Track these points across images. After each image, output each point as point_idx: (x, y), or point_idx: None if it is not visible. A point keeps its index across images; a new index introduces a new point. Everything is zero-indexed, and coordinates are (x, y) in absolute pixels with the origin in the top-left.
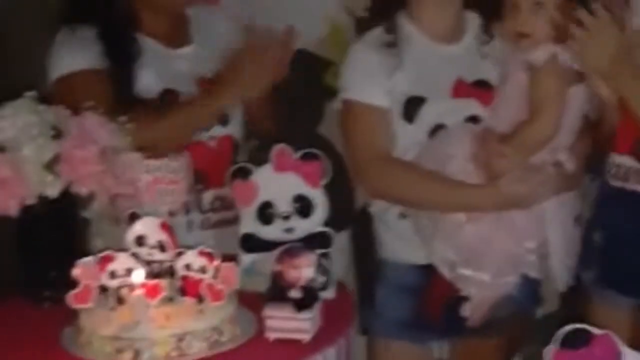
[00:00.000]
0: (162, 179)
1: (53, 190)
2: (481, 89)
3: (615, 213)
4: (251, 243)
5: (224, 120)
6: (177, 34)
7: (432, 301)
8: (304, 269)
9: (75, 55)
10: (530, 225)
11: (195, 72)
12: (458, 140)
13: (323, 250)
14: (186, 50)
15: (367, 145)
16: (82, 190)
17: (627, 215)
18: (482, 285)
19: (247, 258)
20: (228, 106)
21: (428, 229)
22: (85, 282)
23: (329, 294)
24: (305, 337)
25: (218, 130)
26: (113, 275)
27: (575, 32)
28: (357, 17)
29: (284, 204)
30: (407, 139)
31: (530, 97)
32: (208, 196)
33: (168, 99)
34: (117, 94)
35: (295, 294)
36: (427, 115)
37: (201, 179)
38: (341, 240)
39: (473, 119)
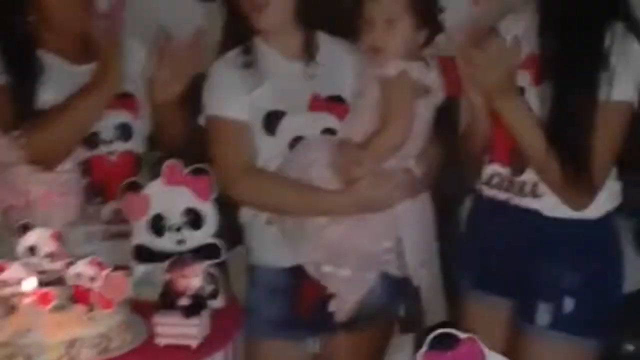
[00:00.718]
0: (53, 192)
1: None
2: (335, 103)
3: (488, 221)
4: (143, 254)
5: (126, 136)
6: (81, 50)
7: (303, 300)
8: (193, 279)
9: None
10: (384, 225)
11: None
12: (316, 150)
13: (213, 261)
14: (90, 67)
15: (231, 157)
16: None
17: (498, 222)
18: (344, 281)
19: (139, 268)
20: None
21: (293, 232)
22: None
23: (218, 303)
24: (193, 342)
25: (119, 146)
26: (4, 284)
27: (474, 53)
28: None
29: (174, 217)
30: (269, 151)
31: (381, 109)
32: (107, 209)
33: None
34: (18, 109)
35: (183, 301)
36: (287, 128)
37: (101, 192)
38: None
39: (329, 131)
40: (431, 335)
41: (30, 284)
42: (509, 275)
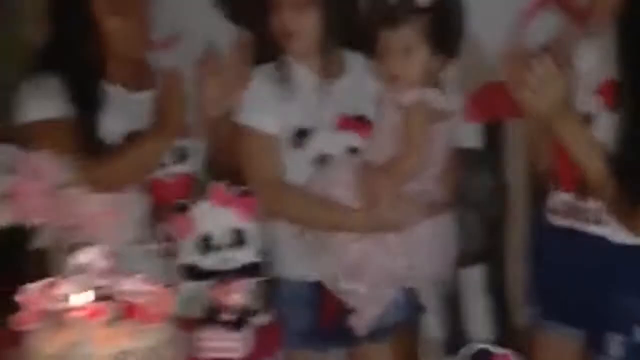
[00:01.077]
0: (106, 212)
1: (2, 221)
2: (361, 123)
3: (554, 248)
4: (190, 272)
5: (181, 158)
6: (139, 78)
7: (325, 313)
8: (236, 295)
9: (41, 103)
10: (402, 245)
11: None
12: (341, 171)
13: (257, 279)
14: (149, 94)
15: (262, 169)
16: (30, 221)
17: (564, 250)
18: (362, 298)
19: (186, 286)
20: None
21: (315, 246)
22: (30, 306)
23: (262, 319)
24: (236, 355)
25: (176, 168)
26: (56, 299)
27: (528, 79)
28: None
29: (220, 236)
30: (296, 166)
31: (401, 134)
32: (164, 228)
33: (132, 140)
34: (82, 140)
35: (227, 317)
36: (313, 145)
37: (159, 212)
38: None
39: (353, 150)
40: (467, 350)
41: (80, 298)
42: (578, 304)
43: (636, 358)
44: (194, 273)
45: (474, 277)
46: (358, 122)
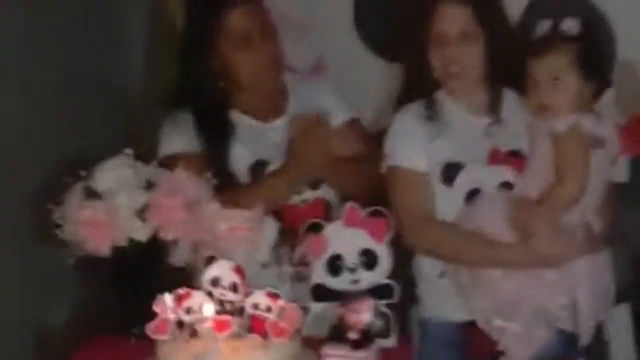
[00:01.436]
0: (237, 227)
1: (142, 235)
2: (514, 157)
3: None
4: (321, 292)
5: (315, 185)
6: (269, 107)
7: (472, 356)
8: (363, 314)
9: (176, 138)
10: (560, 281)
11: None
12: (494, 204)
13: (386, 301)
14: (278, 122)
15: (412, 207)
16: (167, 235)
17: None
18: (514, 336)
19: (316, 306)
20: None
21: (467, 283)
22: (163, 315)
23: (389, 342)
24: None
25: (309, 194)
26: (188, 311)
27: None
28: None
29: (351, 257)
30: (446, 201)
31: (555, 163)
32: (298, 252)
33: (259, 169)
34: (213, 170)
35: (353, 335)
36: (464, 180)
37: (294, 236)
38: None
39: (506, 185)
40: None
41: (209, 309)
42: None
43: None
44: (324, 293)
45: (622, 316)
46: (511, 157)
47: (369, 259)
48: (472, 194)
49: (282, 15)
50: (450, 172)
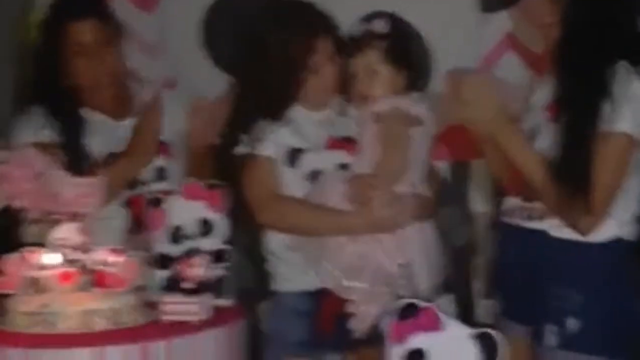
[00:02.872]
0: (84, 193)
1: None
2: (347, 142)
3: (504, 246)
4: (163, 261)
5: (160, 177)
6: (117, 107)
7: (324, 320)
8: (197, 268)
9: (28, 129)
10: (396, 245)
11: None
12: (334, 182)
13: (222, 264)
14: (127, 120)
15: (261, 186)
16: (17, 204)
17: (511, 247)
18: (362, 294)
19: (159, 274)
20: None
21: (315, 252)
22: (11, 271)
23: (225, 302)
24: (194, 318)
25: (156, 186)
26: (35, 267)
27: (462, 92)
28: None
29: (190, 227)
30: (291, 181)
31: (381, 141)
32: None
33: (112, 161)
34: (69, 160)
35: (188, 285)
36: (306, 162)
37: (140, 225)
38: None
39: (343, 167)
40: (396, 305)
41: (52, 258)
42: (524, 299)
43: (568, 348)
44: (166, 261)
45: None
46: (345, 142)
47: (206, 228)
48: (314, 175)
49: (136, 35)
50: (293, 155)
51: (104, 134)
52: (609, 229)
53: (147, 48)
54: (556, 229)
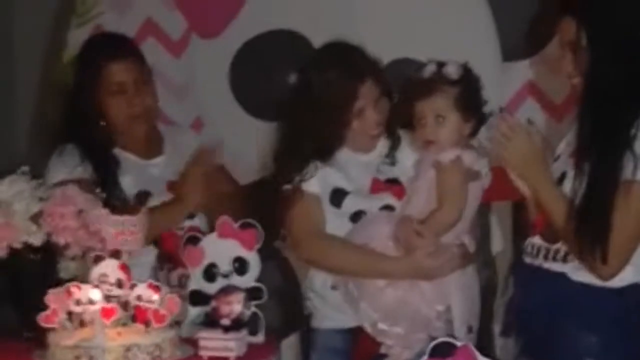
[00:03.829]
0: (124, 231)
1: (37, 239)
2: (392, 184)
3: (525, 286)
4: (197, 298)
5: (190, 215)
6: (148, 148)
7: (360, 358)
8: (234, 305)
9: (63, 167)
10: (436, 292)
11: (165, 177)
12: (379, 223)
13: (256, 302)
14: (157, 160)
15: (303, 223)
16: (59, 240)
17: (532, 287)
18: (398, 339)
19: (194, 311)
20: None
21: (354, 293)
22: (54, 306)
23: (257, 339)
24: (231, 354)
25: (186, 222)
26: (79, 302)
27: (497, 138)
28: None
29: (224, 265)
30: (333, 221)
31: (438, 190)
32: (175, 274)
33: (143, 198)
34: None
35: (225, 321)
36: (350, 204)
37: (170, 260)
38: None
39: (387, 207)
40: (431, 345)
41: (96, 294)
42: (543, 340)
43: None
44: (201, 299)
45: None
46: (389, 184)
47: (240, 266)
48: (357, 216)
49: (164, 78)
50: (338, 196)
51: (134, 173)
52: (627, 275)
53: (174, 91)
54: (577, 272)
